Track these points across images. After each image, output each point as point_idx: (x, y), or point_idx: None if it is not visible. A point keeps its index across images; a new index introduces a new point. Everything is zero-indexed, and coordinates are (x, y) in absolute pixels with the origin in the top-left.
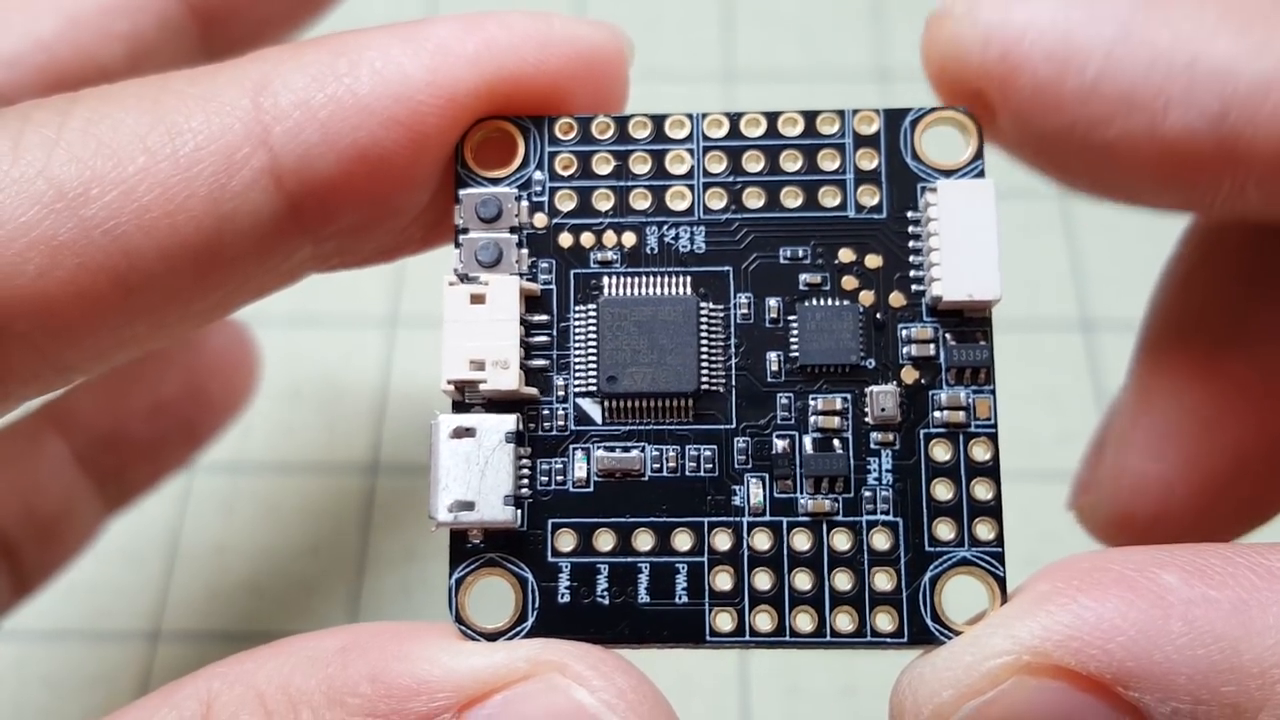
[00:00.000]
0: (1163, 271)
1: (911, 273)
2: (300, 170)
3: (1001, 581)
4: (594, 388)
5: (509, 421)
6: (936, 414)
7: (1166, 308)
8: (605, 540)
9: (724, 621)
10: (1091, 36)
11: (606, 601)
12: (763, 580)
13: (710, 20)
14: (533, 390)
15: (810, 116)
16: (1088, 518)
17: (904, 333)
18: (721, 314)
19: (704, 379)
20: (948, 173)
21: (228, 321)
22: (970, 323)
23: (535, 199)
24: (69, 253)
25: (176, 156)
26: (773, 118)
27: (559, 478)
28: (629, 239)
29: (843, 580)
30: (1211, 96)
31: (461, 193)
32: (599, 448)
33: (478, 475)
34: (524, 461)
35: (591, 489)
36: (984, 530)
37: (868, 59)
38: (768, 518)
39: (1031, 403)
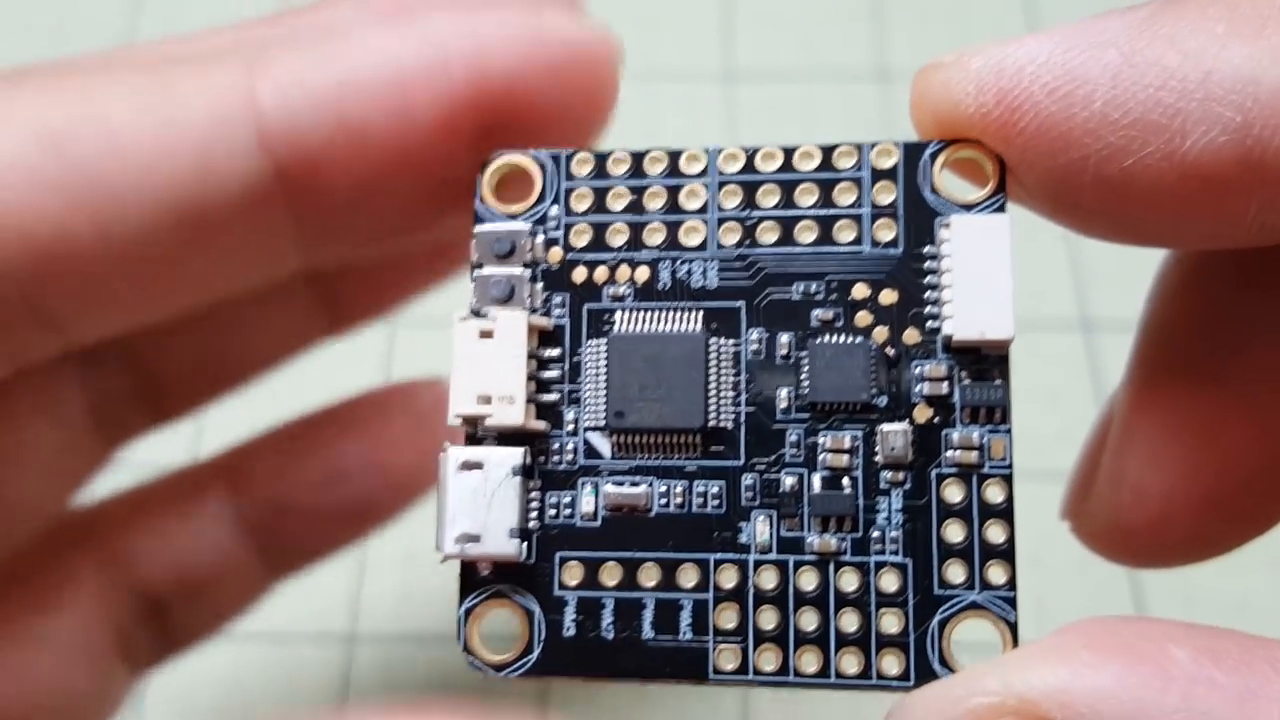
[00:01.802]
0: (1158, 275)
1: (927, 309)
2: (289, 140)
3: (1013, 627)
4: (603, 422)
5: (516, 455)
6: (949, 454)
7: (1163, 311)
8: (611, 575)
9: (727, 659)
10: (1094, 65)
11: (611, 636)
12: (768, 619)
13: (710, 20)
14: (541, 425)
15: (827, 151)
16: (1083, 526)
17: (917, 370)
18: (732, 350)
19: (711, 415)
20: (968, 207)
21: (415, 393)
22: (986, 360)
23: (550, 234)
24: (51, 186)
25: (167, 111)
26: (789, 152)
27: (567, 511)
28: (642, 274)
29: (849, 621)
30: (1231, 110)
31: (476, 229)
32: (607, 482)
33: (484, 508)
34: (533, 495)
35: (599, 523)
36: (996, 574)
37: (868, 59)
38: (774, 556)
39: (1031, 402)
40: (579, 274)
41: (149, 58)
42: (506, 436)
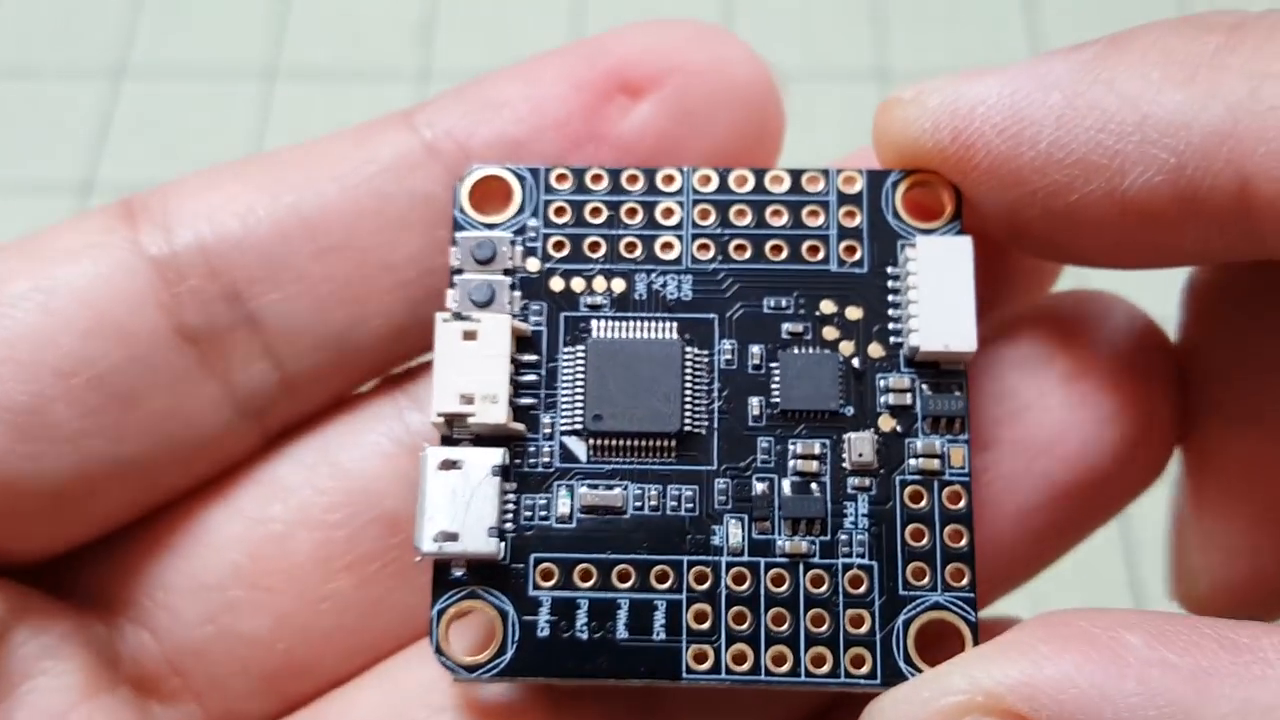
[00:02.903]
0: (1179, 327)
1: (890, 325)
2: None
3: (973, 626)
4: (580, 426)
5: (495, 456)
6: (912, 461)
7: (1196, 357)
8: (586, 575)
9: (699, 659)
10: (1039, 107)
11: (585, 636)
12: (739, 620)
13: (710, 19)
14: (520, 426)
15: (796, 175)
16: (1189, 600)
17: (882, 382)
18: (706, 359)
19: (687, 421)
20: (927, 231)
21: None
22: (946, 374)
23: (529, 244)
24: None
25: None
26: (760, 175)
27: (543, 513)
28: (618, 285)
29: (817, 621)
30: (1166, 152)
31: (458, 235)
32: (583, 485)
33: (463, 507)
34: (509, 496)
35: (574, 525)
36: (957, 576)
37: (868, 59)
38: (746, 558)
39: None
40: (556, 283)
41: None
42: (484, 437)
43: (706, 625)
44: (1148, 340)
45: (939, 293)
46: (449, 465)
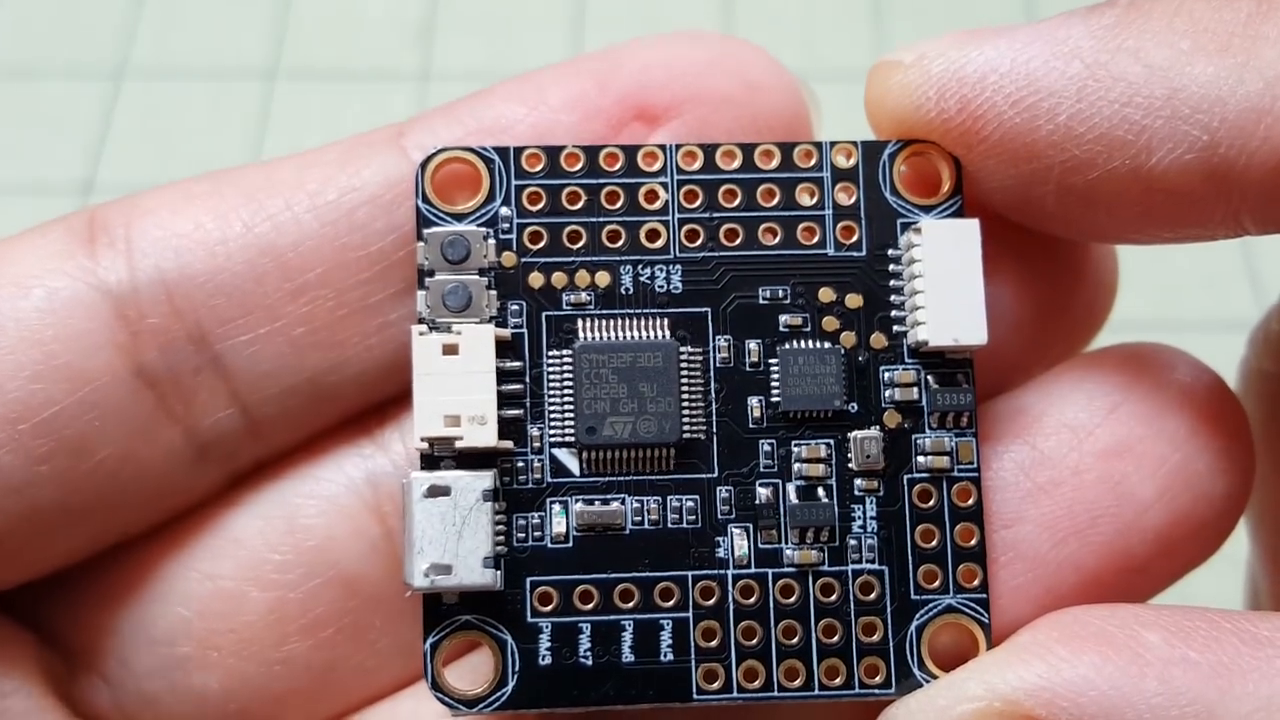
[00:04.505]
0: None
1: (892, 313)
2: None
3: (987, 629)
4: (571, 438)
5: (485, 479)
6: (920, 459)
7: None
8: (587, 597)
9: (710, 678)
10: (1058, 77)
11: (590, 662)
12: (748, 635)
13: (711, 20)
14: (508, 444)
15: (787, 149)
16: None
17: (886, 375)
18: (700, 358)
19: (685, 427)
20: (927, 208)
21: None
22: (952, 365)
23: (502, 236)
24: None
25: None
26: (748, 150)
27: (536, 533)
28: (603, 278)
29: (829, 631)
30: (1198, 129)
31: (426, 232)
32: (578, 501)
33: (454, 536)
34: (499, 517)
35: (571, 544)
36: (969, 577)
37: (868, 59)
38: (753, 569)
39: None
40: (535, 279)
41: None
42: (467, 456)
43: (715, 642)
44: (1212, 406)
45: (946, 282)
46: (436, 491)
